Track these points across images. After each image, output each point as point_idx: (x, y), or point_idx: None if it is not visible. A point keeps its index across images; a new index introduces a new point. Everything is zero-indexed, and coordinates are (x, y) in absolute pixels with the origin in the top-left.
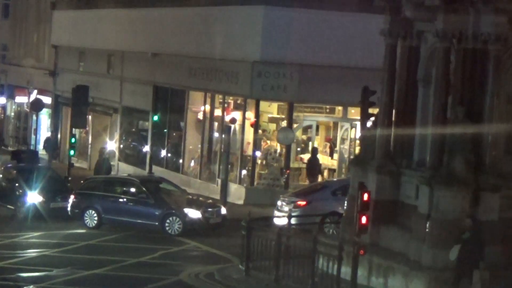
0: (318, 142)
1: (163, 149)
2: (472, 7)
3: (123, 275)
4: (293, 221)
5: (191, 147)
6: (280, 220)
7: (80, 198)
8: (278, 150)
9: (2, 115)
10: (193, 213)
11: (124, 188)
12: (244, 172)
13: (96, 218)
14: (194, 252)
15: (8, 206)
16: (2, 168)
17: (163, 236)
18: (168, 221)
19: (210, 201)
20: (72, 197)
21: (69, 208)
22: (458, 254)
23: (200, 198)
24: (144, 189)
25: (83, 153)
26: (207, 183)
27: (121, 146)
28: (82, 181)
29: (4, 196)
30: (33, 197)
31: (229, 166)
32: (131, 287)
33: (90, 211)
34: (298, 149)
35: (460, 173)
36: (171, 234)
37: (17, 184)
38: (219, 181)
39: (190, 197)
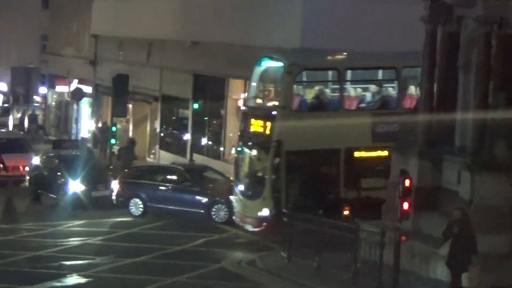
0: None
1: (204, 137)
2: None
3: (166, 263)
4: None
5: (231, 134)
6: None
7: (125, 187)
8: None
9: (44, 105)
10: None
11: (169, 177)
12: None
13: (141, 207)
14: (237, 239)
15: (51, 195)
16: (44, 157)
17: (207, 223)
18: (214, 208)
19: None
20: (117, 186)
21: (113, 197)
22: (450, 249)
23: None
24: (189, 177)
25: (122, 142)
26: None
27: (162, 134)
28: (126, 170)
29: (46, 185)
30: (75, 186)
31: None
32: (174, 275)
33: (135, 199)
34: None
35: (501, 158)
36: (216, 222)
37: (59, 173)
38: None
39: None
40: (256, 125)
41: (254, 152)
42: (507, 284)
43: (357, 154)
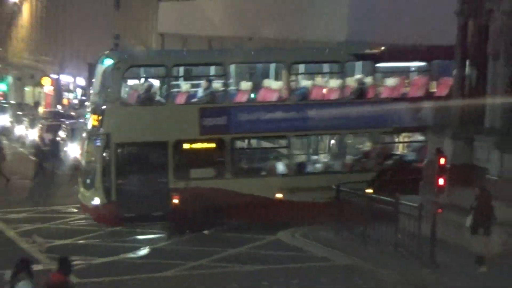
0: None
1: None
2: None
3: (227, 236)
4: None
5: None
6: None
7: None
8: None
9: None
10: None
11: None
12: None
13: None
14: None
15: None
16: None
17: None
18: None
19: None
20: None
21: None
22: (472, 221)
23: None
24: None
25: None
26: None
27: None
28: None
29: None
30: None
31: None
32: (235, 246)
33: None
34: None
35: None
36: None
37: None
38: None
39: None
40: (93, 119)
41: (88, 144)
42: None
43: (185, 145)
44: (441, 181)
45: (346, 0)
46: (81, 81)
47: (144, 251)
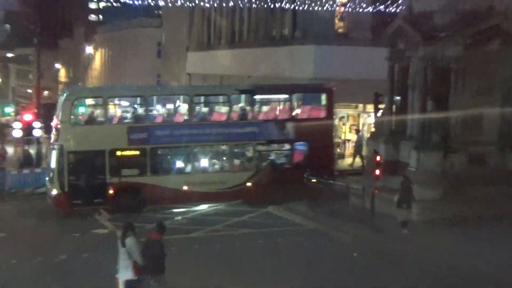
0: (348, 125)
1: None
2: (441, 40)
3: (229, 210)
4: None
5: None
6: None
7: None
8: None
9: None
10: None
11: None
12: None
13: None
14: None
15: None
16: None
17: None
18: None
19: None
20: None
21: None
22: (398, 199)
23: None
24: None
25: None
26: None
27: None
28: None
29: None
30: None
31: None
32: (239, 216)
33: None
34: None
35: (434, 142)
36: None
37: None
38: None
39: None
40: (54, 135)
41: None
42: (438, 217)
43: (118, 153)
44: (377, 172)
45: (312, 53)
46: None
47: (178, 218)
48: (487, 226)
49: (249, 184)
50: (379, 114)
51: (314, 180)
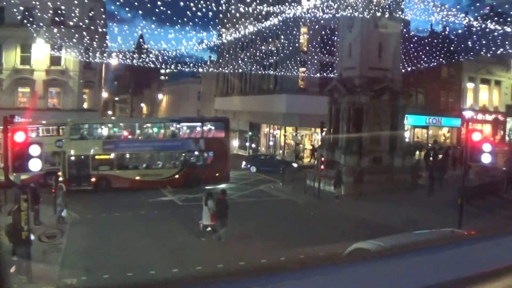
0: (307, 140)
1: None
2: (358, 93)
3: (237, 187)
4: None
5: (263, 148)
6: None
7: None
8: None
9: None
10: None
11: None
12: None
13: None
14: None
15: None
16: None
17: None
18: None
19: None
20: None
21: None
22: (333, 182)
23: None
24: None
25: None
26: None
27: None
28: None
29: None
30: None
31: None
32: (245, 190)
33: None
34: (300, 144)
35: (354, 150)
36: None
37: None
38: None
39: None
40: (63, 145)
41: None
42: (354, 192)
43: (97, 156)
44: (322, 167)
45: (285, 99)
46: None
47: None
48: (380, 197)
49: (177, 176)
50: (323, 134)
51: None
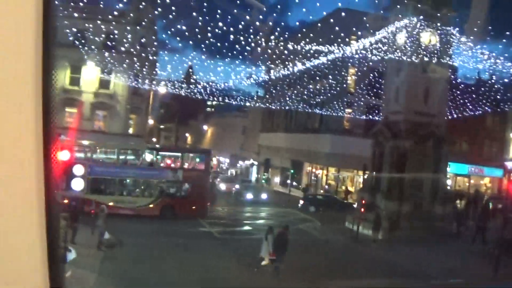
0: (349, 181)
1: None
2: (402, 138)
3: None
4: None
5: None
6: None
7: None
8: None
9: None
10: None
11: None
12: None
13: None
14: (302, 217)
15: None
16: None
17: None
18: None
19: None
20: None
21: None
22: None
23: None
24: None
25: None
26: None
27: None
28: None
29: None
30: None
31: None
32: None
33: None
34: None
35: (396, 195)
36: None
37: None
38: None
39: None
40: None
41: None
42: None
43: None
44: (362, 209)
45: (329, 139)
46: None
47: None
48: (418, 243)
49: (151, 205)
50: (365, 176)
51: None
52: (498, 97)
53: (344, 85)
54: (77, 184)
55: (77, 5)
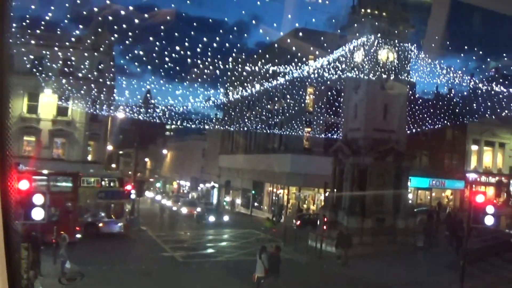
0: (310, 200)
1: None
2: (362, 154)
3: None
4: None
5: (265, 207)
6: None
7: None
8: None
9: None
10: None
11: None
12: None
13: None
14: (263, 236)
15: None
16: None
17: None
18: None
19: None
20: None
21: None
22: (336, 243)
23: None
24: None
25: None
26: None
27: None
28: None
29: None
30: None
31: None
32: (238, 249)
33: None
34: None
35: (358, 211)
36: None
37: None
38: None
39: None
40: None
41: None
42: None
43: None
44: (324, 227)
45: (289, 159)
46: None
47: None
48: (382, 258)
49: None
50: (326, 194)
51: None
52: (457, 110)
53: (303, 105)
54: (37, 214)
55: (34, 32)
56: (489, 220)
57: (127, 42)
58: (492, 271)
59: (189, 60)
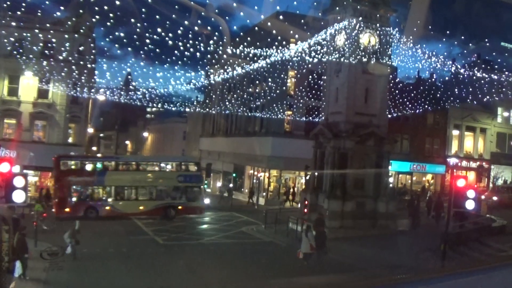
0: (291, 183)
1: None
2: (343, 138)
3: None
4: None
5: (246, 190)
6: None
7: None
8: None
9: None
10: None
11: None
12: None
13: None
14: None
15: None
16: None
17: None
18: None
19: None
20: None
21: None
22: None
23: None
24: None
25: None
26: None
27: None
28: None
29: None
30: None
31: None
32: (219, 232)
33: None
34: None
35: (339, 195)
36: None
37: None
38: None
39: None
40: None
41: None
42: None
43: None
44: (305, 210)
45: (270, 142)
46: None
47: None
48: (362, 241)
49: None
50: (307, 177)
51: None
52: (438, 95)
53: (284, 88)
54: (19, 196)
55: (14, 15)
56: (470, 205)
57: (108, 24)
58: (471, 255)
59: (170, 42)
